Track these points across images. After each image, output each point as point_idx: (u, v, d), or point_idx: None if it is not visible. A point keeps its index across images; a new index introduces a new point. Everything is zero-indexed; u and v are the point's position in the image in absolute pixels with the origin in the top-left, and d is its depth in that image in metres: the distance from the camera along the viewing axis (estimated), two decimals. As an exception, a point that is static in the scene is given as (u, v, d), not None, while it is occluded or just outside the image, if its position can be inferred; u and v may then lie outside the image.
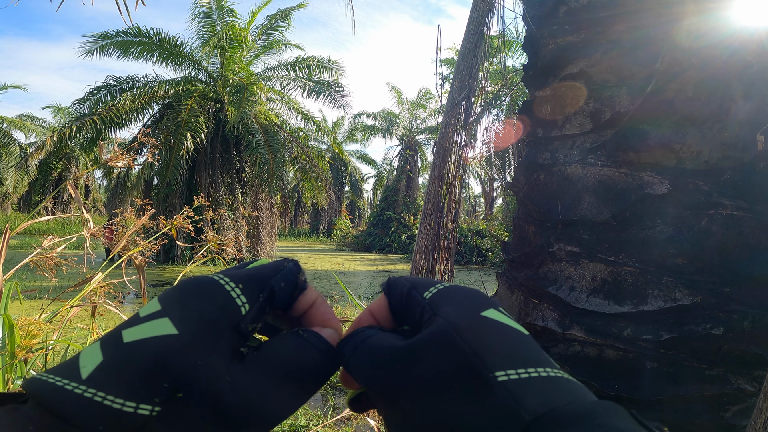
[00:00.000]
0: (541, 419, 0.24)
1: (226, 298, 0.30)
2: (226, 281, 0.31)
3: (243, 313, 0.30)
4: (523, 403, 0.25)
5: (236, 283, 0.31)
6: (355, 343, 0.33)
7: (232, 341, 0.29)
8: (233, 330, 0.29)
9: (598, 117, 1.23)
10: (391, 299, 0.36)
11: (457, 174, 1.93)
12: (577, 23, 1.31)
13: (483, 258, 16.50)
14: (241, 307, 0.30)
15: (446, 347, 0.29)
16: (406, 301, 0.35)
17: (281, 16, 14.23)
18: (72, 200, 23.39)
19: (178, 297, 0.30)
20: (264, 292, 0.32)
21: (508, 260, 1.47)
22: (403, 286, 0.36)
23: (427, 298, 0.33)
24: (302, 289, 0.36)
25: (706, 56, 1.12)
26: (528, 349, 0.29)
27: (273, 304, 0.33)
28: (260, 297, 0.31)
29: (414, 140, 23.13)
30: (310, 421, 3.16)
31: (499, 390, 0.26)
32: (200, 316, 0.28)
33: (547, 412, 0.25)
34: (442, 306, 0.32)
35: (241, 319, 0.30)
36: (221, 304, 0.29)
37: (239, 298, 0.30)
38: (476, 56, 1.91)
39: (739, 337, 1.06)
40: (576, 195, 1.23)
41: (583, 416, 0.24)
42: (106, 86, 12.93)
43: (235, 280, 0.31)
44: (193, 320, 0.28)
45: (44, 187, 24.18)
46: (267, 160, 12.50)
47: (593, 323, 1.14)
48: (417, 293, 0.35)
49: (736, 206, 1.06)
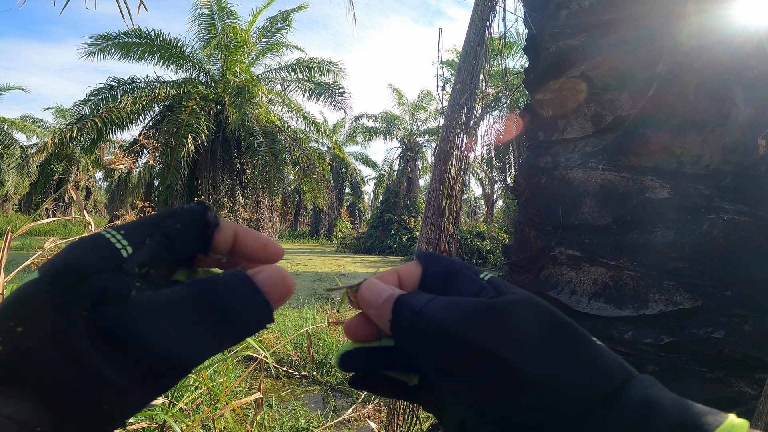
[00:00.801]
0: (638, 377, 0.26)
1: (104, 244, 0.28)
2: (109, 231, 0.29)
3: (125, 256, 0.28)
4: (624, 362, 0.27)
5: (118, 231, 0.29)
6: (425, 297, 0.30)
7: (108, 282, 0.26)
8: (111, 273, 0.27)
9: (599, 120, 1.23)
10: (428, 270, 0.35)
11: (458, 177, 1.93)
12: (579, 26, 1.32)
13: (483, 260, 16.49)
14: (121, 249, 0.28)
15: (541, 309, 0.29)
16: (453, 277, 0.34)
17: (282, 18, 14.26)
18: (73, 202, 23.42)
19: (62, 249, 0.29)
20: (153, 236, 0.30)
21: (509, 264, 1.47)
22: (452, 262, 0.35)
23: (486, 279, 0.33)
24: (215, 225, 0.32)
25: (706, 58, 1.12)
26: None
27: (174, 248, 0.30)
28: (146, 240, 0.29)
29: (414, 142, 23.15)
30: (310, 423, 3.16)
31: (601, 348, 0.27)
32: (64, 260, 0.27)
33: (637, 374, 0.27)
34: (506, 288, 0.31)
35: (123, 261, 0.28)
36: (93, 249, 0.28)
37: (120, 242, 0.28)
38: (477, 59, 1.91)
39: (740, 340, 1.06)
40: (577, 199, 1.23)
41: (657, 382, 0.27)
42: (107, 88, 12.96)
43: (118, 228, 0.30)
44: (56, 264, 0.27)
45: (45, 188, 24.22)
46: (267, 161, 12.51)
47: (594, 327, 1.14)
48: (471, 273, 0.33)
49: (737, 210, 1.06)
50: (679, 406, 0.25)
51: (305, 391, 3.86)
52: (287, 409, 3.38)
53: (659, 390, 0.26)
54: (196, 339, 0.27)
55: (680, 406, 0.25)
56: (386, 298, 0.31)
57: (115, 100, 12.93)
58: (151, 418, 1.88)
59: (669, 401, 0.25)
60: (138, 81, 13.26)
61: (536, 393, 0.26)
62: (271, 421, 3.12)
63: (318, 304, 6.36)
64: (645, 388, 0.26)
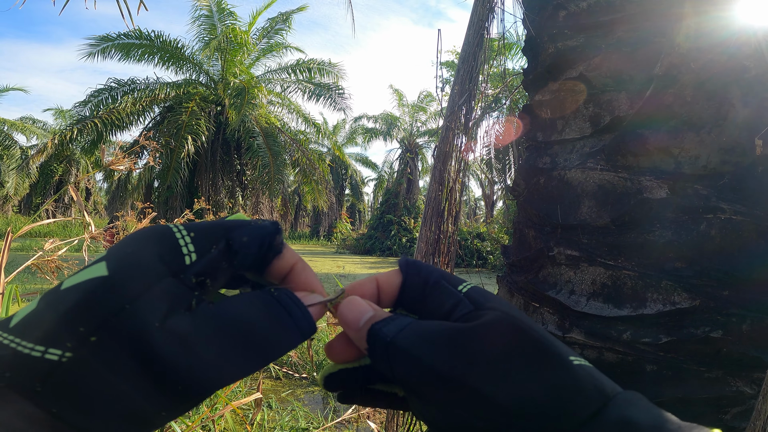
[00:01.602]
0: (616, 398, 0.26)
1: (172, 245, 0.27)
2: (179, 229, 0.28)
3: (187, 263, 0.27)
4: (602, 383, 0.27)
5: (188, 232, 0.28)
6: (399, 324, 0.30)
7: (174, 291, 0.26)
8: (175, 279, 0.26)
9: (597, 121, 1.24)
10: (409, 280, 0.34)
11: (457, 178, 1.94)
12: (577, 27, 1.32)
13: (483, 261, 16.49)
14: (186, 255, 0.27)
15: (516, 331, 0.28)
16: (432, 289, 0.33)
17: (282, 19, 14.28)
18: (73, 203, 23.42)
19: (124, 242, 0.27)
20: (219, 245, 0.29)
21: (508, 264, 1.48)
22: (430, 273, 0.34)
23: (463, 292, 0.32)
24: (277, 252, 0.32)
25: (704, 59, 1.13)
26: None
27: (234, 261, 0.30)
28: (212, 249, 0.28)
29: (414, 143, 23.17)
30: (310, 424, 3.16)
31: (579, 370, 0.27)
32: (135, 259, 0.26)
33: (617, 393, 0.27)
34: (485, 301, 0.31)
35: (184, 269, 0.27)
36: (162, 251, 0.27)
37: (186, 247, 0.28)
38: (476, 60, 1.92)
39: (738, 339, 1.06)
40: (575, 199, 1.23)
41: (640, 398, 0.26)
42: (107, 89, 12.98)
43: (189, 228, 0.28)
44: (127, 263, 0.26)
45: (45, 189, 24.22)
46: (267, 163, 12.53)
47: (593, 326, 1.15)
48: (449, 284, 0.33)
49: (735, 210, 1.07)
50: (658, 427, 0.24)
51: (305, 392, 3.87)
52: (287, 409, 3.38)
53: (638, 410, 0.25)
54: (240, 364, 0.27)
55: (658, 427, 0.24)
56: (366, 321, 0.31)
57: (115, 101, 12.95)
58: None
59: (647, 421, 0.24)
60: (138, 82, 13.29)
61: (505, 421, 0.26)
62: (271, 422, 3.12)
63: (318, 305, 6.36)
64: (623, 408, 0.25)
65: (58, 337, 0.23)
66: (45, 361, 0.23)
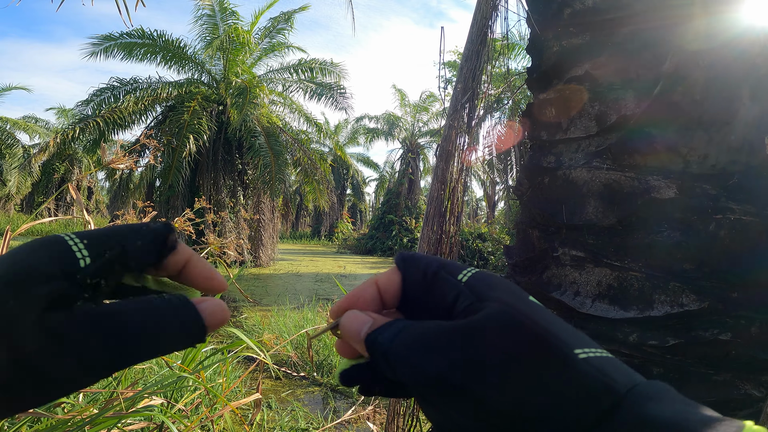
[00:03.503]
0: (631, 392, 0.24)
1: (64, 249, 0.29)
2: (71, 237, 0.30)
3: (82, 266, 0.29)
4: (614, 378, 0.25)
5: (81, 239, 0.30)
6: (394, 330, 0.29)
7: (61, 290, 0.28)
8: (66, 280, 0.28)
9: (603, 120, 1.22)
10: (408, 276, 0.33)
11: (459, 177, 1.92)
12: (582, 25, 1.30)
13: (485, 261, 16.47)
14: (80, 259, 0.29)
15: (515, 327, 0.27)
16: (432, 282, 0.32)
17: (284, 19, 14.27)
18: (74, 202, 23.46)
19: (18, 248, 0.29)
20: (113, 249, 0.31)
21: (511, 264, 1.46)
22: (429, 264, 0.33)
23: (464, 282, 0.31)
24: (171, 248, 0.33)
25: (712, 58, 1.11)
26: (578, 331, 0.29)
27: (128, 262, 0.32)
28: (106, 253, 0.30)
29: (416, 143, 23.16)
30: (310, 425, 3.14)
31: (585, 366, 0.25)
32: (27, 261, 0.28)
33: (633, 386, 0.25)
34: (487, 291, 0.29)
35: (78, 271, 0.29)
36: (53, 254, 0.29)
37: (80, 252, 0.29)
38: (479, 59, 1.90)
39: (746, 342, 1.04)
40: (581, 199, 1.21)
41: (665, 391, 0.25)
42: (109, 88, 12.98)
43: (81, 236, 0.31)
44: (19, 265, 0.27)
45: (47, 188, 24.26)
46: (269, 162, 12.52)
47: (598, 328, 1.13)
48: (448, 275, 0.32)
49: (744, 211, 1.05)
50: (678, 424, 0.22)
51: (305, 392, 3.85)
52: (287, 410, 3.37)
53: (658, 405, 0.23)
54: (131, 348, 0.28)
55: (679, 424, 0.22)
56: (366, 331, 0.31)
57: (117, 100, 12.94)
58: (149, 418, 1.86)
59: (667, 418, 0.22)
60: (140, 81, 13.29)
61: (507, 426, 0.25)
62: (271, 422, 3.11)
63: (318, 305, 6.35)
64: (640, 405, 0.23)
65: None
66: None
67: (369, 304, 0.33)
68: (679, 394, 0.25)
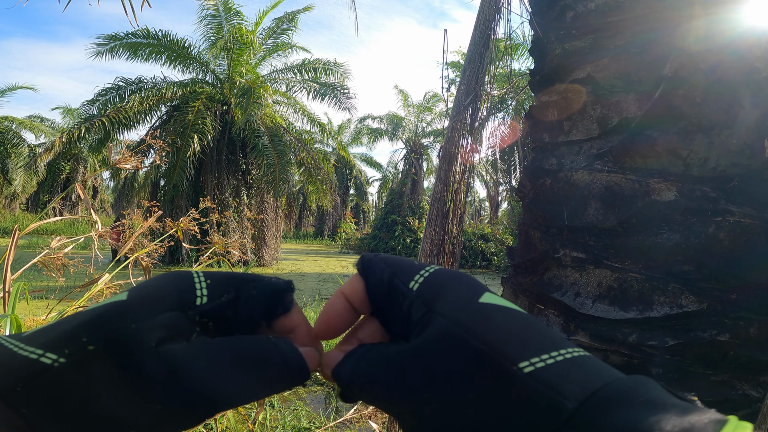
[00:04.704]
0: (584, 405, 0.23)
1: (188, 285, 0.30)
2: (198, 275, 0.31)
3: (198, 303, 0.30)
4: (561, 391, 0.23)
5: (206, 278, 0.31)
6: (352, 363, 0.30)
7: (178, 323, 0.28)
8: (183, 314, 0.29)
9: (605, 122, 1.23)
10: (369, 283, 0.33)
11: (462, 178, 1.93)
12: (585, 28, 1.31)
13: (487, 262, 16.45)
14: (198, 297, 0.30)
15: (457, 348, 0.26)
16: (387, 290, 0.32)
17: (288, 19, 14.30)
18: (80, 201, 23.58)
19: (150, 279, 0.30)
20: (230, 293, 0.31)
21: (513, 265, 1.47)
22: (383, 271, 0.32)
23: (415, 290, 0.30)
24: (285, 309, 0.33)
25: (713, 60, 1.12)
26: (539, 330, 0.27)
27: (239, 310, 0.31)
28: (223, 297, 0.31)
29: (419, 144, 23.13)
30: (312, 424, 3.16)
31: (529, 382, 0.24)
32: (153, 291, 0.29)
33: (588, 396, 0.23)
34: (435, 300, 0.29)
35: (194, 307, 0.29)
36: (179, 288, 0.30)
37: (201, 290, 0.30)
38: (482, 60, 1.91)
39: (745, 343, 1.05)
40: (582, 201, 1.22)
41: (625, 394, 0.23)
42: (114, 88, 13.03)
43: (207, 275, 0.31)
44: (144, 293, 0.28)
45: (53, 187, 24.40)
46: (272, 162, 12.54)
47: (598, 329, 1.14)
48: (401, 282, 0.31)
49: (744, 213, 1.06)
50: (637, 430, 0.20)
51: (307, 392, 3.87)
52: (289, 409, 3.38)
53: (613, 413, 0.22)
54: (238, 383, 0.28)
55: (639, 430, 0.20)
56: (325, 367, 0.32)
57: (122, 100, 13.00)
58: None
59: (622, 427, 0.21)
60: (145, 81, 13.34)
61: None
62: (273, 421, 3.13)
63: (321, 305, 6.37)
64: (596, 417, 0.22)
65: (60, 343, 0.25)
66: (37, 363, 0.24)
67: (342, 318, 0.33)
68: (656, 389, 0.23)
